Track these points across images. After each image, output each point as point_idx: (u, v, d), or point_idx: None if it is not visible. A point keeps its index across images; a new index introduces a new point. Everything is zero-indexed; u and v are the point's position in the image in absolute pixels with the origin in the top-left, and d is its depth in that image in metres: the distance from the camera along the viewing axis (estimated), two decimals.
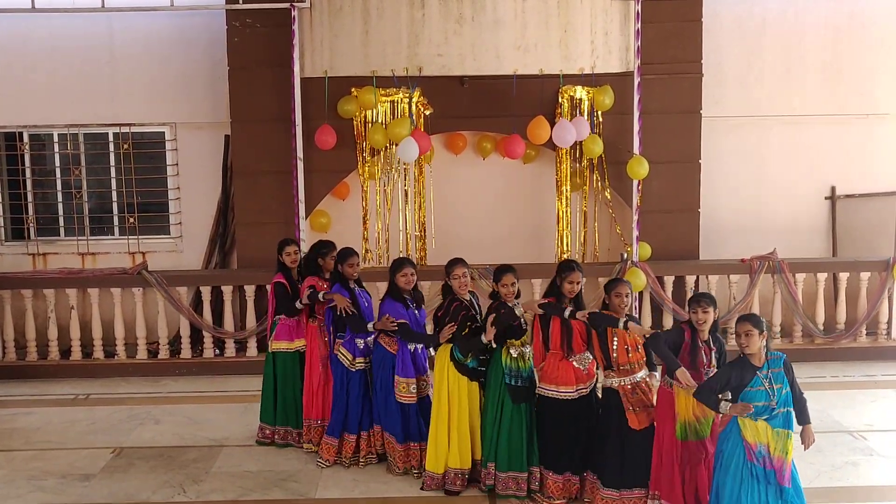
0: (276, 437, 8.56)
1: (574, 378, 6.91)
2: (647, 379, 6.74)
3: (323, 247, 8.35)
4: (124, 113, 12.05)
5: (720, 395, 5.93)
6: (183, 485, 7.66)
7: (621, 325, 6.54)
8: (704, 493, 6.29)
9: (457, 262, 7.49)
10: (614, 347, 6.60)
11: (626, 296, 6.66)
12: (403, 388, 7.57)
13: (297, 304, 8.21)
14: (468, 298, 7.45)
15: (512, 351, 7.03)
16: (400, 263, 7.72)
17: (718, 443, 6.03)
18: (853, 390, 10.09)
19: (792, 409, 5.87)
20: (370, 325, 7.76)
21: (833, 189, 12.35)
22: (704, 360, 6.36)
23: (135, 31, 11.96)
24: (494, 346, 7.13)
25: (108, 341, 11.38)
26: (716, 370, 6.31)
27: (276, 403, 8.53)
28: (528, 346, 7.12)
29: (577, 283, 6.98)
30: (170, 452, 8.42)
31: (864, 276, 11.37)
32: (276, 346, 8.51)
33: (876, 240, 11.84)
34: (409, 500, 7.24)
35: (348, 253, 8.00)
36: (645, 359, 6.75)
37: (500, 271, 7.14)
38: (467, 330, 7.21)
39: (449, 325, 7.23)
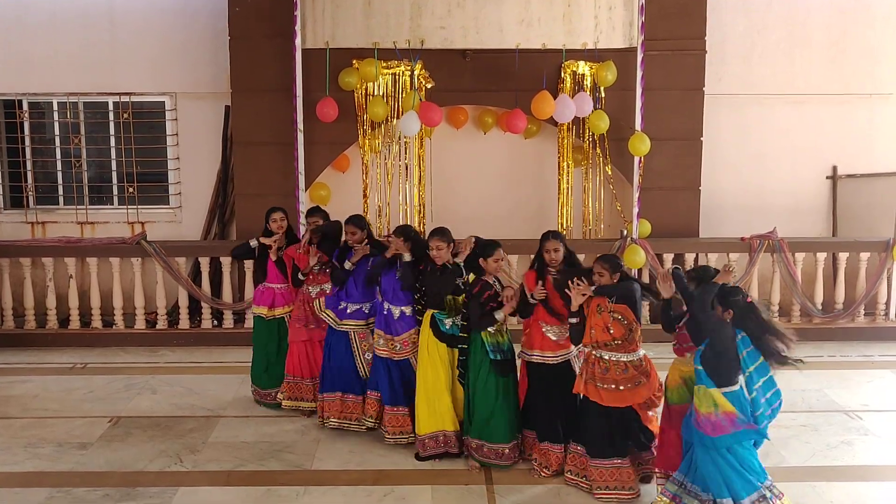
0: (268, 398, 8.81)
1: (554, 345, 7.04)
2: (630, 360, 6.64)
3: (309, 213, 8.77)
4: (124, 82, 12.00)
5: None
6: (180, 454, 7.68)
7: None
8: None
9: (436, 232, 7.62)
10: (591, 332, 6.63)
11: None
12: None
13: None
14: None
15: (490, 328, 7.09)
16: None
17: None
18: (850, 370, 10.10)
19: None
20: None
21: (834, 169, 12.33)
22: None
23: None
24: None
25: (107, 311, 11.39)
26: None
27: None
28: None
29: (557, 251, 7.08)
30: (167, 422, 8.44)
31: (864, 256, 11.36)
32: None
33: (876, 220, 11.81)
34: (405, 473, 7.25)
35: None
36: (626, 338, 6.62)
37: (491, 246, 7.24)
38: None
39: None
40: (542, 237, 7.21)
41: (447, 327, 7.30)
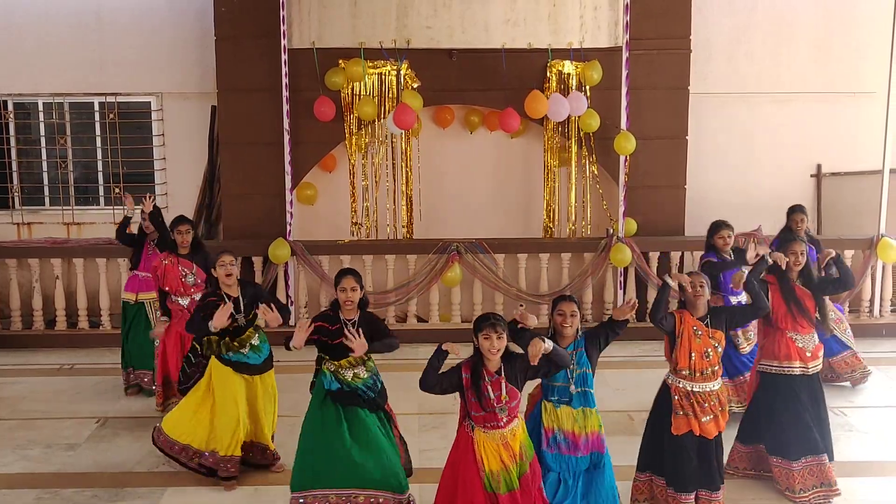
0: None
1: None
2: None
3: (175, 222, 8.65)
4: (110, 82, 11.98)
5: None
6: None
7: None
8: None
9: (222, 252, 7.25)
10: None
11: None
12: None
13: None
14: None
15: (329, 366, 6.33)
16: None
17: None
18: None
19: (592, 390, 5.95)
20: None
21: (819, 167, 12.40)
22: None
23: None
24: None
25: (94, 311, 11.35)
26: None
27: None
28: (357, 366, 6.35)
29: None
30: (155, 422, 8.40)
31: (849, 253, 11.40)
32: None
33: (860, 218, 11.89)
34: None
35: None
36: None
37: (340, 275, 6.36)
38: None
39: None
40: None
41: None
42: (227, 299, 7.00)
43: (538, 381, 6.00)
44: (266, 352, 7.21)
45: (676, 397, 6.25)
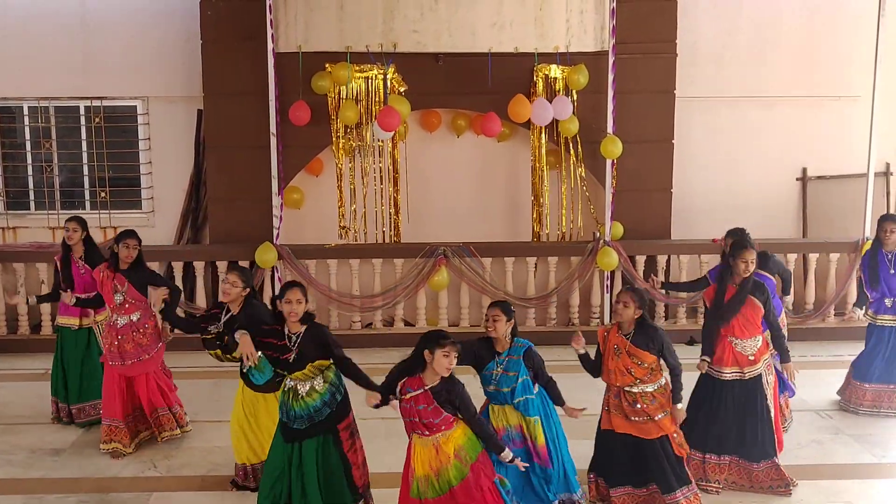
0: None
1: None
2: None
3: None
4: (96, 86, 11.93)
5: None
6: (153, 460, 7.69)
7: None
8: None
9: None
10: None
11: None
12: None
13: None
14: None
15: (288, 381, 6.20)
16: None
17: None
18: (820, 370, 10.17)
19: (533, 397, 6.20)
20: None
21: (804, 170, 12.44)
22: None
23: (108, 1, 11.85)
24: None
25: None
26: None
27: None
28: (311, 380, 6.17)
29: (752, 263, 6.96)
30: None
31: (834, 256, 11.48)
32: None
33: (845, 221, 11.94)
34: (378, 476, 7.21)
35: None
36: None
37: (284, 287, 6.22)
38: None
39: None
40: (737, 245, 7.16)
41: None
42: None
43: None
44: (269, 375, 6.73)
45: (607, 394, 6.50)
